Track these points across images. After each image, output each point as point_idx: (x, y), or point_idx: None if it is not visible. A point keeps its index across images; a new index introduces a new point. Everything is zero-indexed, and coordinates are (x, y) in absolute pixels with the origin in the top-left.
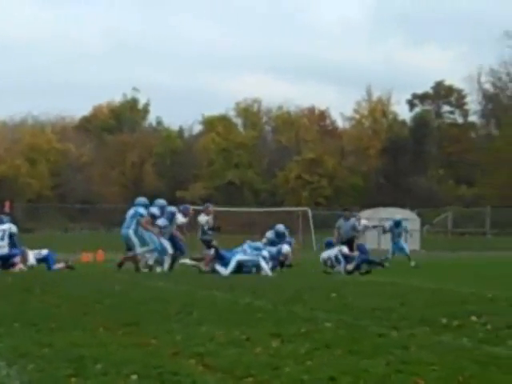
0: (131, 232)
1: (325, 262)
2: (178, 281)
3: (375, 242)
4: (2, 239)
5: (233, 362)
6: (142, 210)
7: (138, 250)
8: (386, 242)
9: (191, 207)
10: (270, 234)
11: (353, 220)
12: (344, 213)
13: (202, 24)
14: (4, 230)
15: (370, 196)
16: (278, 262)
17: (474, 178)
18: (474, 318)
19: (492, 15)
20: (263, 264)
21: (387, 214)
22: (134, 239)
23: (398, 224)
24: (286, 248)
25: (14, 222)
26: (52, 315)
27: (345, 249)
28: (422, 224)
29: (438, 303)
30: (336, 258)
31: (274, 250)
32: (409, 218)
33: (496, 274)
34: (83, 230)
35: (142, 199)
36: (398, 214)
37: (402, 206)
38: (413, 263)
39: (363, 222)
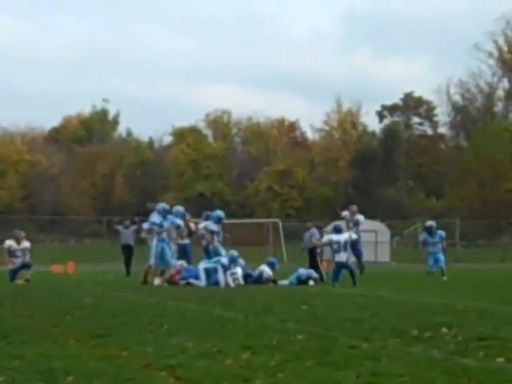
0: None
1: None
2: (149, 292)
3: (372, 255)
4: None
5: (204, 373)
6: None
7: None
8: (383, 254)
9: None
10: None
11: (312, 230)
12: (306, 224)
13: (172, 35)
14: None
15: (340, 207)
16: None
17: (444, 190)
18: (444, 330)
19: (461, 27)
20: (220, 272)
21: None
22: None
23: (429, 231)
24: (266, 272)
25: None
26: (23, 327)
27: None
28: (392, 235)
29: (408, 314)
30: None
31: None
32: (378, 230)
33: (466, 286)
34: (53, 241)
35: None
36: (368, 225)
37: (372, 217)
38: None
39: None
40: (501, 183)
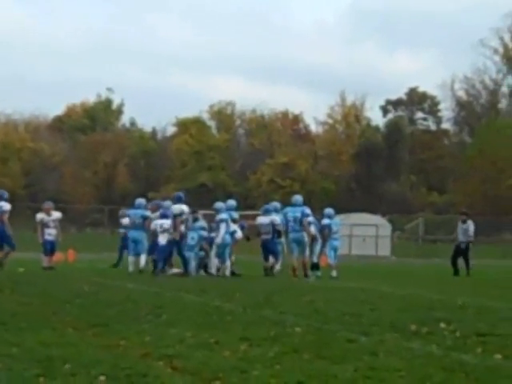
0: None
1: None
2: (148, 282)
3: (373, 250)
4: None
5: (201, 364)
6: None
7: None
8: (384, 249)
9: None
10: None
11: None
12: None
13: (177, 25)
14: None
15: (342, 201)
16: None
17: (446, 185)
18: (443, 325)
19: (467, 22)
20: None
21: (359, 220)
22: None
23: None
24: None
25: None
26: (21, 314)
27: None
28: (393, 230)
29: (407, 309)
30: None
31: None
32: (379, 224)
33: (465, 282)
34: None
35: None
36: (369, 219)
37: (374, 211)
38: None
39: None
40: (503, 180)
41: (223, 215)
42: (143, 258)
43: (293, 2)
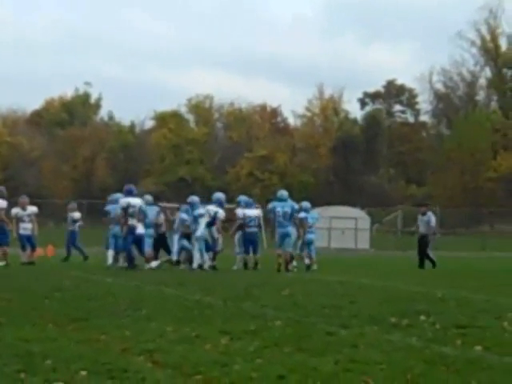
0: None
1: None
2: (128, 276)
3: (352, 242)
4: None
5: (182, 358)
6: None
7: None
8: (363, 241)
9: None
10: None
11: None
12: None
13: (153, 18)
14: None
15: (321, 194)
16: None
17: (425, 178)
18: (422, 317)
19: (445, 15)
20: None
21: (338, 213)
22: None
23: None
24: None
25: None
26: (1, 310)
27: None
28: (372, 223)
29: (387, 302)
30: None
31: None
32: (358, 217)
33: (445, 274)
34: None
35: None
36: (348, 212)
37: (353, 204)
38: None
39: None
40: (481, 172)
41: (201, 210)
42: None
43: None
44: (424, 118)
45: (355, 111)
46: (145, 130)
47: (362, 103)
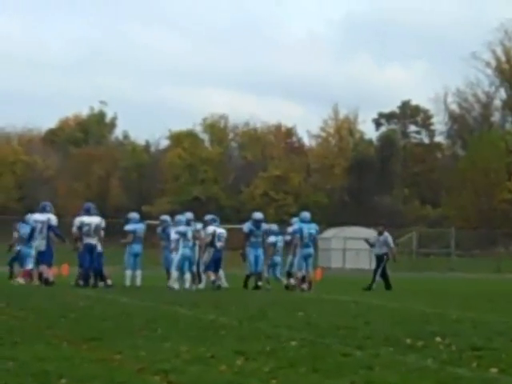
0: None
1: None
2: (142, 296)
3: (366, 263)
4: None
5: (197, 379)
6: None
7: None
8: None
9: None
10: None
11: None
12: None
13: (170, 38)
14: None
15: (335, 214)
16: None
17: (439, 199)
18: (438, 339)
19: (460, 35)
20: None
21: (353, 233)
22: None
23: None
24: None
25: None
26: (16, 328)
27: None
28: None
29: (402, 323)
30: None
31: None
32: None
33: (459, 295)
34: None
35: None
36: (363, 233)
37: (367, 224)
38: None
39: None
40: (496, 193)
41: (181, 228)
42: (139, 274)
43: (285, 14)
44: (439, 138)
45: (370, 132)
46: (159, 149)
47: (377, 124)
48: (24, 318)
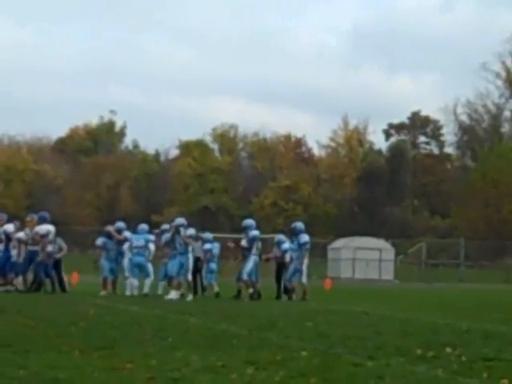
0: None
1: None
2: (152, 305)
3: (376, 273)
4: None
5: None
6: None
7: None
8: (387, 272)
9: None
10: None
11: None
12: None
13: (180, 48)
14: None
15: (345, 225)
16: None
17: (449, 210)
18: (448, 349)
19: (470, 46)
20: None
21: (362, 244)
22: None
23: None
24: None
25: None
26: (27, 336)
27: None
28: (397, 254)
29: (412, 333)
30: None
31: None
32: (383, 248)
33: (469, 306)
34: None
35: None
36: (373, 243)
37: (376, 235)
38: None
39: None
40: (506, 204)
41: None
42: (148, 283)
43: (294, 24)
44: (449, 149)
45: (380, 142)
46: (169, 158)
47: (387, 134)
48: (34, 326)
